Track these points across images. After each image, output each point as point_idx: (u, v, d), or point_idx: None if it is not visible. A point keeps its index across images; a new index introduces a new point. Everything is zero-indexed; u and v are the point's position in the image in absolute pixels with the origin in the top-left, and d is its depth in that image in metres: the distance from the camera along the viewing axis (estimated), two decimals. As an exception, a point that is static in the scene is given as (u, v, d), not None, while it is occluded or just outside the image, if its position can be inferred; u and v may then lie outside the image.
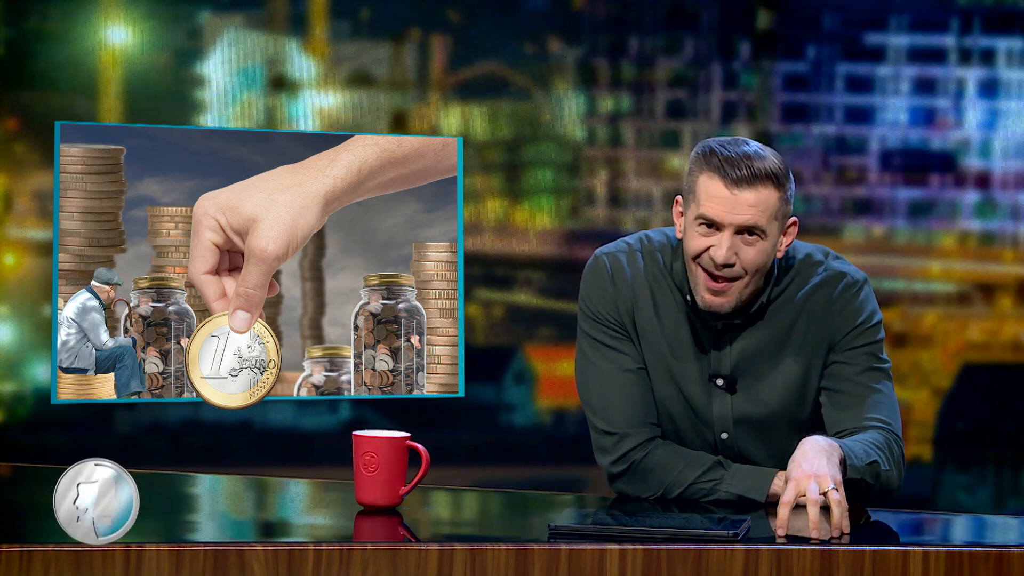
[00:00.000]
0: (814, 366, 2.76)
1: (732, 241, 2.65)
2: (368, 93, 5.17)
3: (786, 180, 2.67)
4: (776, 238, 2.68)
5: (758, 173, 2.63)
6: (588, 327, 2.81)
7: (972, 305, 5.34)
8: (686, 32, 5.25)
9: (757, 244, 2.66)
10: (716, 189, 2.64)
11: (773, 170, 2.64)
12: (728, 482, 2.68)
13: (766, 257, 2.68)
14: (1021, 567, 2.27)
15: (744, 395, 2.76)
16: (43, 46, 5.03)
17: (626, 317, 2.78)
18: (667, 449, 2.74)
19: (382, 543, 2.22)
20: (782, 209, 2.67)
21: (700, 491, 2.70)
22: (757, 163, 2.64)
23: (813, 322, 2.76)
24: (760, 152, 2.66)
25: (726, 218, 2.64)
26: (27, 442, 5.04)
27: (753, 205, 2.63)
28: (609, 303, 2.79)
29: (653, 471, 2.73)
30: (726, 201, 2.63)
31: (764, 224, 2.65)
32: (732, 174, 2.63)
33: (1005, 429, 5.30)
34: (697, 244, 2.68)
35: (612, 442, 2.76)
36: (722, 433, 2.77)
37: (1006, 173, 5.31)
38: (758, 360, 2.75)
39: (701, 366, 2.76)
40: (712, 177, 2.65)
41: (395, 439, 2.49)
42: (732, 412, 2.76)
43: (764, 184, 2.63)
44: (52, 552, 2.15)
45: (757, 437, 2.77)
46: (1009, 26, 5.31)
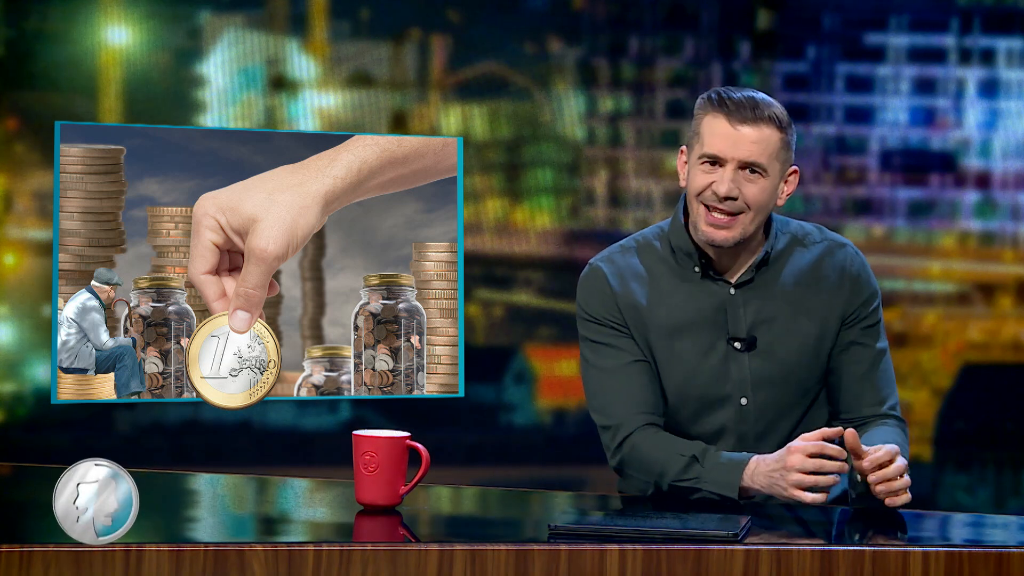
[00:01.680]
0: (828, 330, 2.82)
1: (735, 175, 2.73)
2: (368, 93, 5.17)
3: (788, 126, 2.76)
4: (777, 180, 2.75)
5: (760, 112, 2.73)
6: (587, 331, 2.85)
7: (972, 305, 5.33)
8: (686, 32, 5.25)
9: (758, 181, 2.73)
10: (720, 126, 2.73)
11: (776, 112, 2.75)
12: (704, 480, 2.69)
13: (767, 196, 2.75)
14: (1021, 567, 2.27)
15: (761, 356, 2.80)
16: (43, 46, 5.03)
17: (628, 312, 2.81)
18: (654, 439, 2.77)
19: (382, 543, 2.22)
20: (783, 152, 2.75)
21: (684, 490, 2.71)
22: (761, 103, 2.74)
23: (826, 288, 2.83)
24: (764, 96, 2.76)
25: (728, 152, 2.72)
26: (27, 442, 5.04)
27: (755, 142, 2.72)
28: (607, 303, 2.83)
29: (640, 463, 2.77)
30: (729, 136, 2.72)
31: (765, 162, 2.72)
32: (735, 111, 2.72)
33: (1005, 429, 5.30)
34: (701, 181, 2.75)
35: (609, 437, 2.81)
36: (741, 399, 2.79)
37: (1006, 173, 5.31)
38: (774, 321, 2.81)
39: (719, 333, 2.80)
40: (716, 116, 2.74)
41: (395, 439, 2.49)
42: (751, 373, 2.78)
43: (767, 123, 2.73)
44: (52, 552, 2.15)
45: (774, 401, 2.80)
46: (1009, 26, 5.31)
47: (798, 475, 2.55)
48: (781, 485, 2.57)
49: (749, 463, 2.65)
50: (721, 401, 2.81)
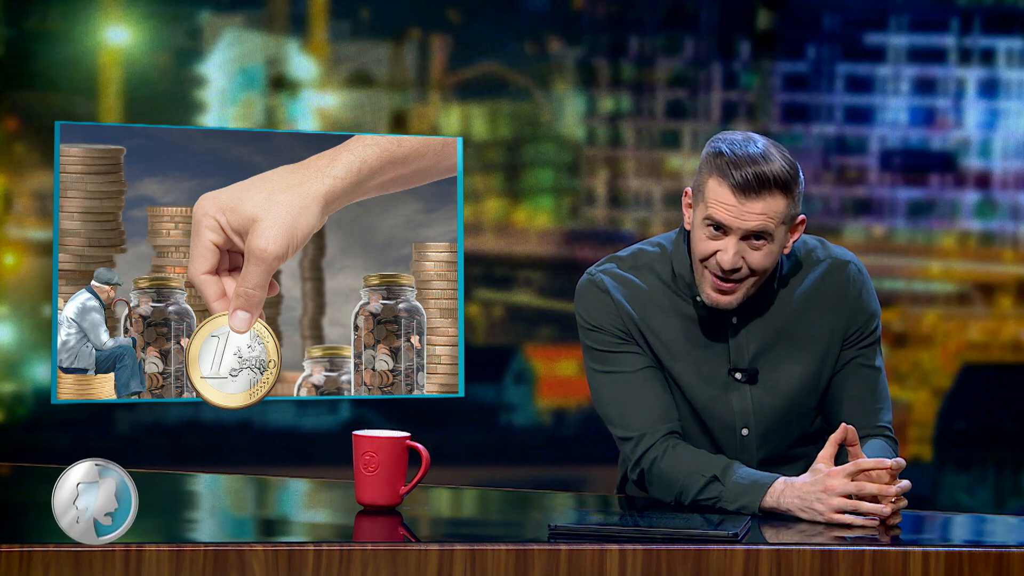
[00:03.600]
0: (830, 355, 2.78)
1: (738, 247, 2.66)
2: (368, 93, 5.17)
3: (794, 184, 2.66)
4: (783, 240, 2.69)
5: (765, 182, 2.63)
6: (591, 341, 2.79)
7: (972, 305, 5.33)
8: (686, 32, 5.25)
9: (764, 248, 2.67)
10: (724, 196, 2.64)
11: (781, 176, 2.64)
12: (725, 500, 2.62)
13: (773, 259, 2.69)
14: (1021, 567, 2.27)
15: (764, 386, 2.76)
16: (43, 46, 5.03)
17: (630, 324, 2.76)
18: (674, 454, 2.69)
19: (382, 543, 2.22)
20: (790, 213, 2.68)
21: (706, 506, 2.66)
22: (766, 170, 2.63)
23: (828, 310, 2.78)
24: (769, 155, 2.65)
25: (734, 224, 2.64)
26: (27, 442, 5.04)
27: (761, 213, 2.64)
28: (611, 312, 2.77)
29: (661, 479, 2.69)
30: (734, 209, 2.64)
31: (772, 229, 2.66)
32: (740, 183, 2.63)
33: (1005, 429, 5.30)
34: (705, 247, 2.68)
35: (631, 447, 2.73)
36: (742, 429, 2.76)
37: (1006, 173, 5.31)
38: (775, 350, 2.76)
39: (720, 362, 2.76)
40: (721, 183, 2.64)
41: (395, 439, 2.49)
42: (752, 404, 2.75)
43: (772, 193, 2.64)
44: (52, 552, 2.15)
45: (774, 431, 2.77)
46: (1009, 26, 5.31)
47: (840, 500, 2.49)
48: (818, 509, 2.50)
49: (775, 484, 2.57)
50: (721, 430, 2.78)
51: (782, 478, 2.58)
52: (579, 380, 2.93)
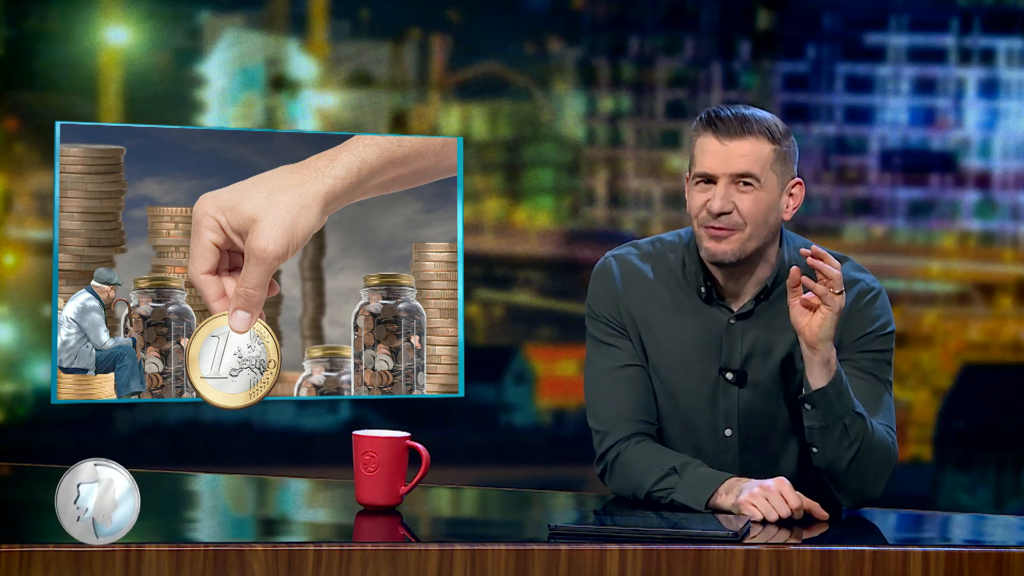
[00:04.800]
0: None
1: (726, 190, 2.68)
2: (368, 93, 5.17)
3: (782, 137, 2.71)
4: (776, 193, 2.70)
5: (749, 125, 2.68)
6: (590, 326, 2.83)
7: (972, 305, 5.33)
8: (686, 32, 5.25)
9: (752, 193, 2.68)
10: (709, 144, 2.69)
11: (768, 125, 2.70)
12: (678, 490, 2.62)
13: (763, 209, 2.69)
14: (1021, 567, 2.27)
15: (752, 390, 2.76)
16: (43, 46, 5.03)
17: (626, 316, 2.79)
18: (638, 449, 2.71)
19: (382, 543, 2.22)
20: (779, 164, 2.70)
21: (658, 498, 2.67)
22: (748, 114, 2.70)
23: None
24: (756, 111, 2.72)
25: (719, 168, 2.68)
26: (27, 442, 5.04)
27: (745, 154, 2.67)
28: (611, 301, 2.80)
29: (622, 472, 2.71)
30: (719, 153, 2.68)
31: (757, 171, 2.68)
32: (723, 128, 2.68)
33: (1005, 429, 5.30)
34: (696, 201, 2.71)
35: (597, 440, 2.77)
36: (726, 429, 2.77)
37: (1006, 173, 5.31)
38: (768, 355, 2.76)
39: (711, 361, 2.76)
40: (706, 135, 2.70)
41: (395, 439, 2.49)
42: (739, 406, 2.75)
43: (755, 136, 2.68)
44: (52, 552, 2.15)
45: (758, 435, 2.77)
46: (1009, 26, 5.31)
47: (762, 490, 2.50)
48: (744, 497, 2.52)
49: (727, 481, 2.58)
50: (705, 428, 2.78)
51: (736, 477, 2.59)
52: (579, 380, 2.93)
